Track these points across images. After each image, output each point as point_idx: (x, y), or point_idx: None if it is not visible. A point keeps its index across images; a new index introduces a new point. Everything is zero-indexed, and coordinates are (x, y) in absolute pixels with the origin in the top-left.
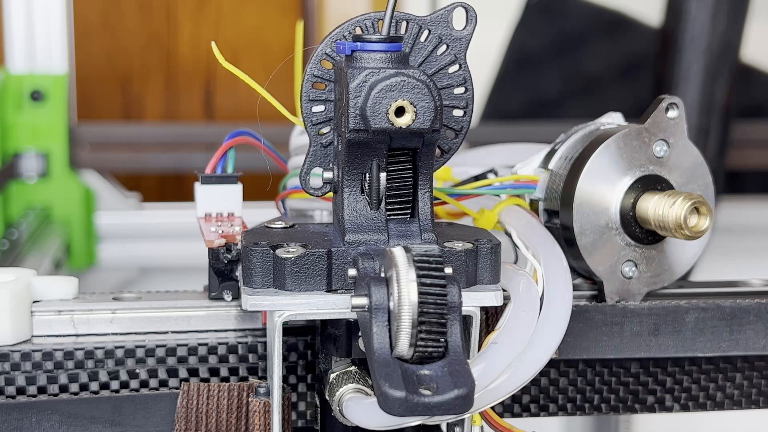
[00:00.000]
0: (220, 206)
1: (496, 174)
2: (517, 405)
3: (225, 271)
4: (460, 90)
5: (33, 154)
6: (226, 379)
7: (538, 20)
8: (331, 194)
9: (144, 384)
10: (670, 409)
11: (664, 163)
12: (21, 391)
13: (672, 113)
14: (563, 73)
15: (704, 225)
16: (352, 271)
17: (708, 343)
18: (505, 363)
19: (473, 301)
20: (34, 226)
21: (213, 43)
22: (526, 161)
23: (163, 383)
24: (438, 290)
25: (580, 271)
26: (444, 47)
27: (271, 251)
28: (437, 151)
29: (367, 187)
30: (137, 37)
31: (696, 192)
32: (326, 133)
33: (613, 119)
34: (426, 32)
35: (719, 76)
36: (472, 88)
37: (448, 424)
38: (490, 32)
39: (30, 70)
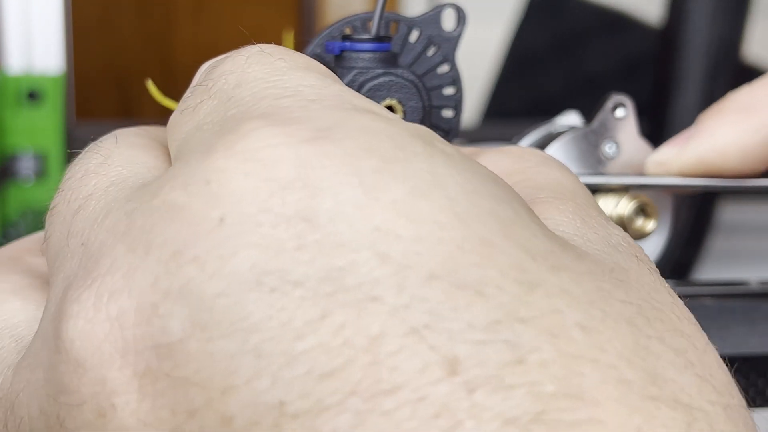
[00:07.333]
0: None
1: None
2: None
3: None
4: (449, 90)
5: (30, 155)
6: None
7: (539, 19)
8: None
9: None
10: None
11: (614, 164)
12: None
13: (619, 113)
14: (564, 72)
15: (649, 227)
16: None
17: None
18: None
19: None
20: (32, 227)
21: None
22: None
23: None
24: None
25: None
26: (434, 48)
27: None
28: None
29: None
30: (136, 37)
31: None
32: None
33: (568, 119)
34: (416, 33)
35: (719, 76)
36: (462, 89)
37: None
38: (491, 31)
39: (27, 71)
